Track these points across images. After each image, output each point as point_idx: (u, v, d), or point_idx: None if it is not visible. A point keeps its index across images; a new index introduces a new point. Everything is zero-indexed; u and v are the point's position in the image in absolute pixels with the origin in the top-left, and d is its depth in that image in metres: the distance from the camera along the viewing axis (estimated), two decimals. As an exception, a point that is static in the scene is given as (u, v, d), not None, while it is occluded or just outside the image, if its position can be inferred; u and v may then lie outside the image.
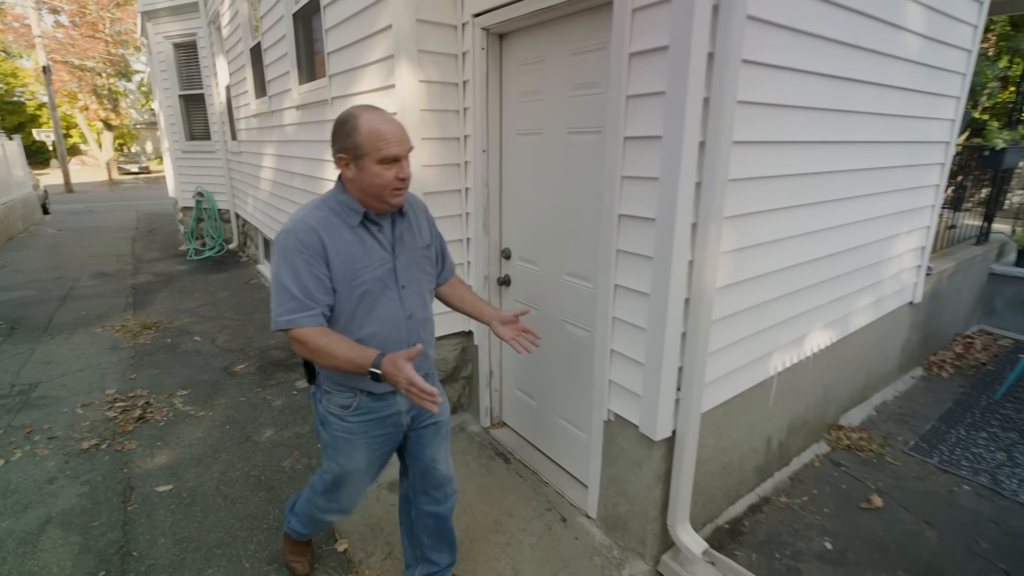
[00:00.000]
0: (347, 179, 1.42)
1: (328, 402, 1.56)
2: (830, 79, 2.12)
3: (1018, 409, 3.41)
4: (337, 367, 1.37)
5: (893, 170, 2.82)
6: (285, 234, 1.38)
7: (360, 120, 1.35)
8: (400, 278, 1.52)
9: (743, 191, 1.89)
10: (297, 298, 1.36)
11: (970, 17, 3.02)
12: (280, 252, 1.38)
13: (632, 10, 1.71)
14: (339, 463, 1.62)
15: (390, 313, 1.50)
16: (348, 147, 1.37)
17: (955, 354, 4.21)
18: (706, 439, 2.17)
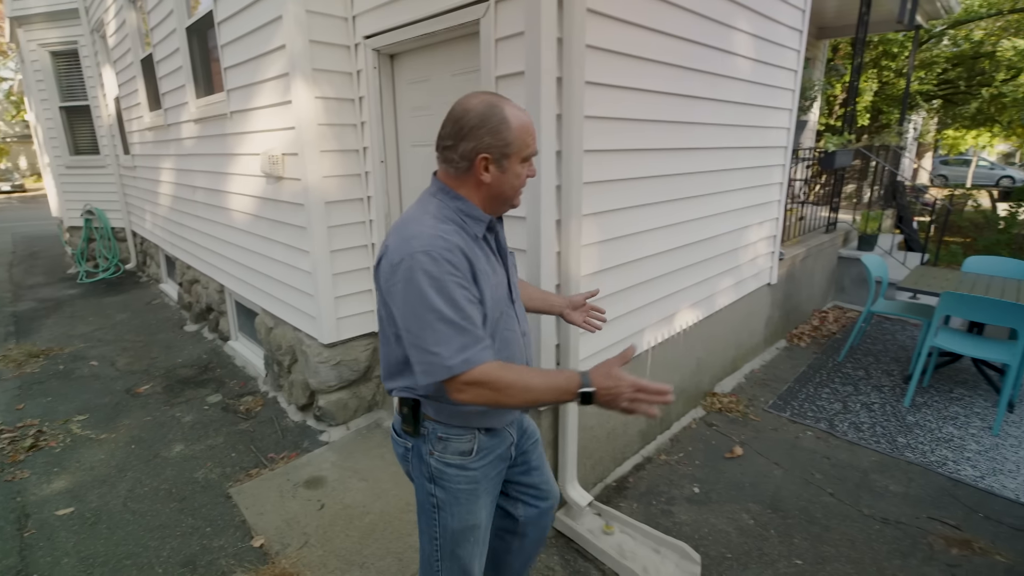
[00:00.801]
0: (478, 182, 1.19)
1: (443, 452, 1.28)
2: (670, 96, 2.53)
3: (855, 367, 4.09)
4: (534, 401, 1.12)
5: (739, 171, 3.33)
6: (423, 257, 1.08)
7: (507, 113, 1.14)
8: (513, 291, 1.32)
9: (601, 192, 2.23)
10: (467, 331, 1.09)
11: (793, 44, 3.63)
12: (425, 279, 1.08)
13: (495, 40, 1.99)
14: (462, 521, 1.33)
15: (512, 332, 1.29)
16: (496, 144, 1.14)
17: (812, 327, 4.92)
18: (589, 408, 2.50)
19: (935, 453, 2.99)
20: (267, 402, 3.58)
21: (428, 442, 1.29)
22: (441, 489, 1.30)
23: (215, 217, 4.07)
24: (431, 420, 1.27)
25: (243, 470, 2.84)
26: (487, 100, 1.16)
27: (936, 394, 3.68)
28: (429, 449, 1.28)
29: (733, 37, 2.94)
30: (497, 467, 1.37)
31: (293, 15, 2.51)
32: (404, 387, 1.27)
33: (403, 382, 1.27)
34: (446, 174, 1.23)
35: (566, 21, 1.83)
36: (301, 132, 2.64)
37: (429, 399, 1.25)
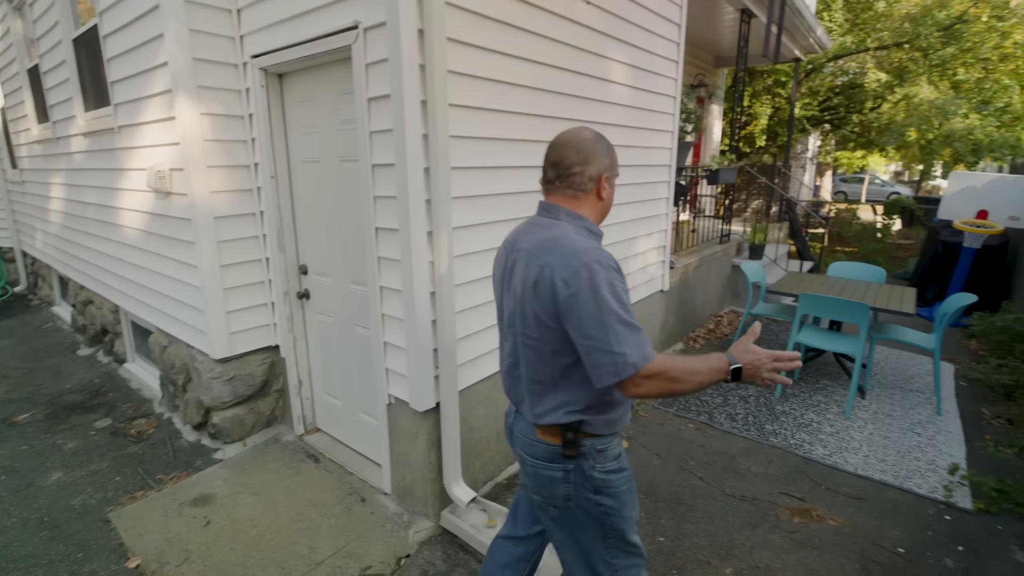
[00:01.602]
0: (596, 200, 1.34)
1: (604, 461, 1.34)
2: (544, 118, 2.75)
3: (739, 365, 4.48)
4: (699, 384, 1.17)
5: (624, 187, 3.62)
6: (597, 267, 1.16)
7: (606, 139, 1.35)
8: None
9: (475, 206, 2.40)
10: (639, 329, 1.17)
11: (670, 73, 4.01)
12: (604, 286, 1.15)
13: (366, 64, 2.13)
14: (629, 516, 1.40)
15: None
16: (611, 165, 1.33)
17: (708, 330, 5.33)
18: (476, 409, 2.64)
19: (795, 437, 3.35)
20: (161, 423, 3.47)
21: (589, 458, 1.33)
22: (608, 497, 1.36)
23: (107, 234, 3.92)
24: (588, 436, 1.32)
25: (127, 493, 2.75)
26: (591, 130, 1.34)
27: (804, 385, 4.11)
28: (591, 464, 1.33)
29: (609, 66, 3.23)
30: None
31: (175, 33, 2.54)
32: (561, 406, 1.30)
33: (559, 399, 1.30)
34: (565, 197, 1.34)
35: (427, 49, 2.00)
36: (186, 147, 2.66)
37: (588, 412, 1.30)
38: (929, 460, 3.10)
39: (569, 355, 1.26)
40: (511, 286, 1.35)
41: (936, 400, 3.78)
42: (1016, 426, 3.49)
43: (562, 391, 1.30)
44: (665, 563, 2.28)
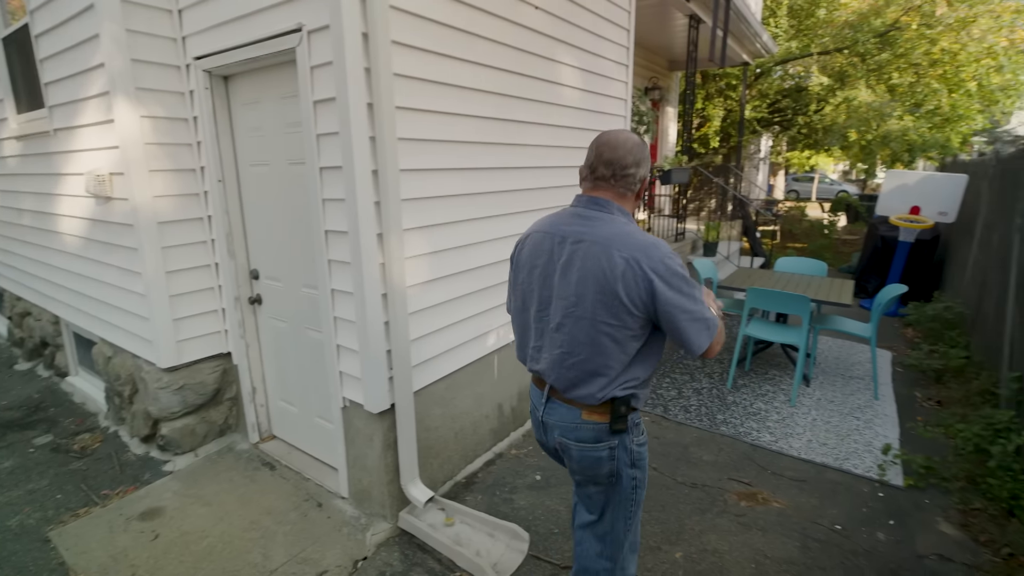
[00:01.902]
0: (635, 200, 1.49)
1: (638, 435, 1.49)
2: (494, 120, 2.79)
3: (693, 359, 4.64)
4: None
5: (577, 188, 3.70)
6: (672, 254, 1.35)
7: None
8: None
9: (426, 207, 2.42)
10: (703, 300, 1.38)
11: (620, 76, 4.12)
12: (681, 270, 1.33)
13: (310, 67, 2.13)
14: (645, 488, 1.56)
15: None
16: (648, 169, 1.47)
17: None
18: (433, 410, 2.66)
19: (744, 425, 3.50)
20: (107, 437, 3.34)
21: (631, 432, 1.46)
22: (639, 469, 1.51)
23: (45, 242, 3.75)
24: (632, 411, 1.44)
25: (69, 511, 2.64)
26: (635, 134, 1.45)
27: (754, 376, 4.29)
28: (631, 438, 1.46)
29: (559, 69, 3.31)
30: None
31: (111, 34, 2.47)
32: (625, 382, 1.39)
33: (629, 376, 1.39)
34: (616, 194, 1.43)
35: (372, 52, 2.01)
36: (127, 151, 2.58)
37: (641, 386, 1.43)
38: (866, 442, 3.29)
39: (642, 338, 1.38)
40: (566, 276, 1.39)
41: (874, 385, 4.00)
42: (944, 407, 3.74)
43: (629, 370, 1.40)
44: (618, 551, 2.35)
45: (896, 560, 2.32)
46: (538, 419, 1.57)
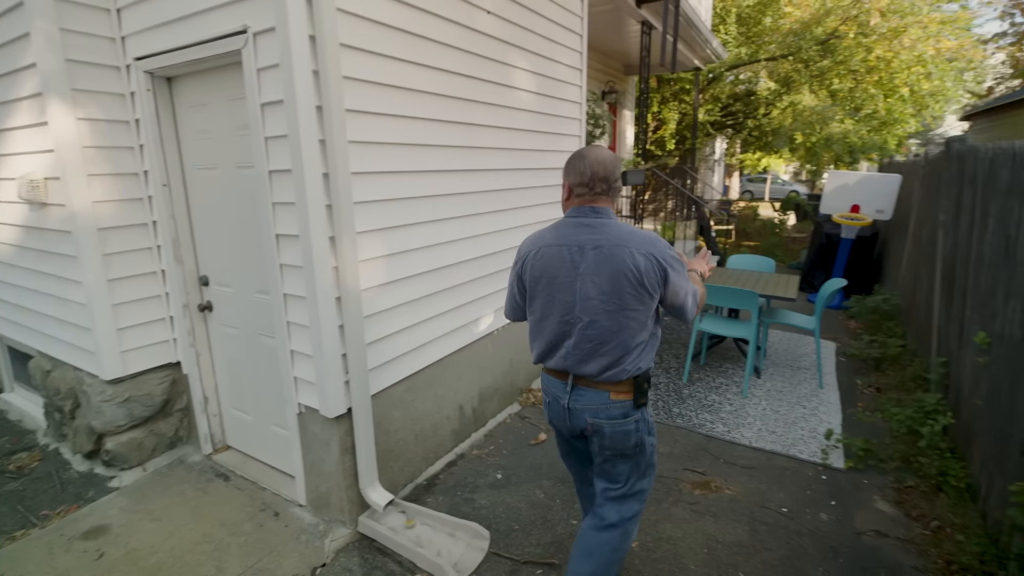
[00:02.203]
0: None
1: (649, 406, 1.78)
2: (448, 123, 2.81)
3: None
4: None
5: (536, 189, 3.76)
6: (670, 246, 1.65)
7: None
8: None
9: (380, 210, 2.42)
10: None
11: (575, 80, 4.20)
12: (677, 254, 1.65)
13: (257, 69, 2.10)
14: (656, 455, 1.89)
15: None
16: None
17: (624, 324, 5.61)
18: (392, 413, 2.65)
19: (698, 417, 3.63)
20: (47, 456, 3.18)
21: (647, 404, 1.74)
22: (654, 436, 1.80)
23: (-26, 251, 3.53)
24: (649, 387, 1.72)
25: (4, 535, 2.50)
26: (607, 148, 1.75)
27: (709, 370, 4.44)
28: (647, 409, 1.74)
29: (513, 74, 3.36)
30: None
31: (43, 33, 2.37)
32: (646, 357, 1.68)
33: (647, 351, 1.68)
34: (609, 202, 1.71)
35: (320, 55, 2.00)
36: (62, 155, 2.48)
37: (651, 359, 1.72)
38: (811, 428, 3.46)
39: (654, 315, 1.68)
40: (596, 277, 1.61)
41: (819, 375, 4.21)
42: (883, 393, 3.96)
43: (648, 346, 1.69)
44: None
45: (837, 538, 2.45)
46: (562, 407, 1.76)
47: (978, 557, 2.21)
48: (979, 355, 2.68)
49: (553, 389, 1.79)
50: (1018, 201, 2.42)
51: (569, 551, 2.34)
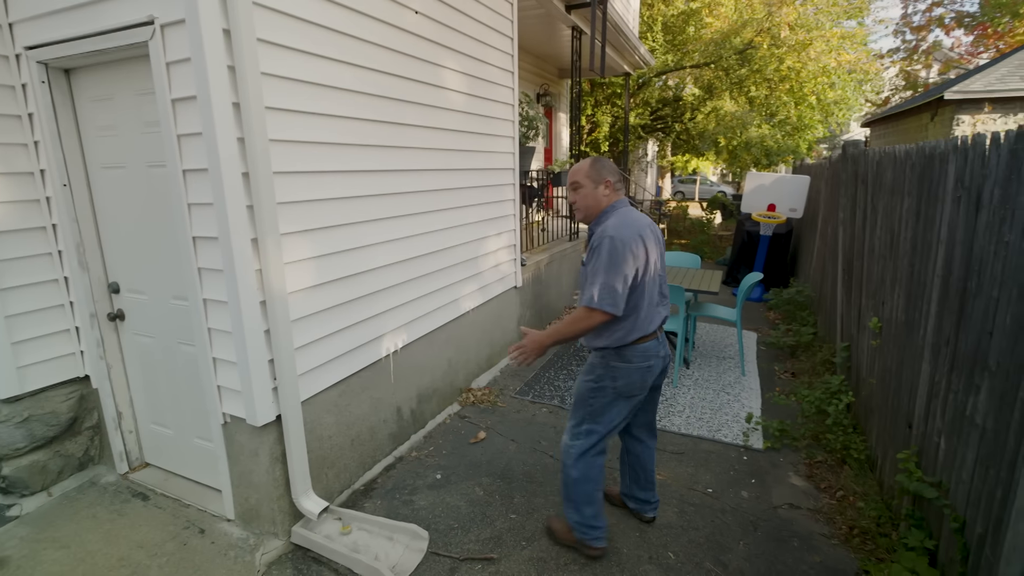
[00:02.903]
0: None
1: None
2: (377, 123, 2.78)
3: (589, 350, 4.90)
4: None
5: (469, 190, 3.78)
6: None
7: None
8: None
9: (307, 210, 2.36)
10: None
11: (507, 82, 4.26)
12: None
13: (167, 63, 1.99)
14: None
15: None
16: None
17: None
18: (325, 418, 2.59)
19: (632, 408, 3.77)
20: (-70, 487, 2.85)
21: None
22: None
23: None
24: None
25: None
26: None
27: (642, 363, 4.62)
28: None
29: (444, 74, 3.36)
30: None
31: (-87, 16, 2.13)
32: None
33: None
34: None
35: (236, 50, 1.93)
36: (-60, 152, 2.24)
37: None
38: (735, 414, 3.70)
39: None
40: (660, 249, 2.10)
41: (741, 363, 4.50)
42: (797, 377, 4.29)
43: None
44: (515, 537, 2.44)
45: (755, 513, 2.64)
46: (661, 356, 2.15)
47: (875, 520, 2.45)
48: (873, 339, 2.97)
49: (654, 350, 2.11)
50: (899, 199, 2.70)
51: (509, 545, 2.39)
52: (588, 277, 1.98)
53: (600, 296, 1.91)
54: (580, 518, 2.23)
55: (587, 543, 2.26)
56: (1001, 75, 9.45)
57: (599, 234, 2.00)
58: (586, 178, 2.08)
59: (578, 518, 2.23)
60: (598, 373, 2.15)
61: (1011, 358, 1.63)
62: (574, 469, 2.18)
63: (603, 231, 1.99)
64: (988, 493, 1.69)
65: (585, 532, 2.24)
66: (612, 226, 1.98)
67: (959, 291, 1.99)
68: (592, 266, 1.96)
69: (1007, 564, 1.51)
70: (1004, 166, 1.77)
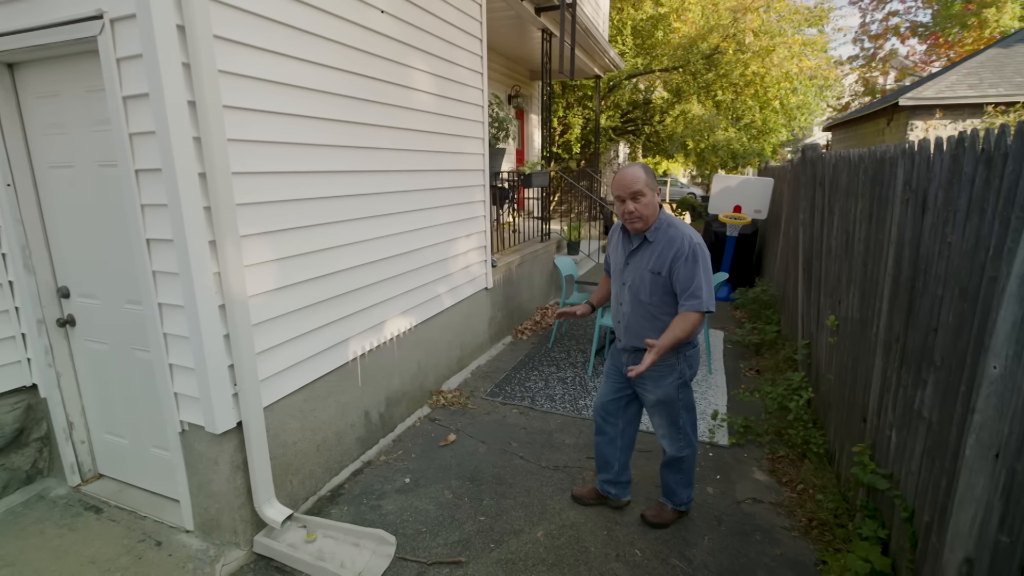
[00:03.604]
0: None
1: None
2: (343, 123, 2.73)
3: (560, 351, 4.94)
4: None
5: (439, 191, 3.76)
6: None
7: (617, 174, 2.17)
8: (624, 276, 2.29)
9: (270, 212, 2.30)
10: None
11: (476, 83, 4.26)
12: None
13: (117, 59, 1.92)
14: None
15: (613, 293, 2.43)
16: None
17: (534, 322, 5.76)
18: (289, 424, 2.53)
19: (602, 407, 3.80)
20: None
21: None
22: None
23: None
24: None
25: None
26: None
27: (612, 362, 4.67)
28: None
29: (412, 75, 3.33)
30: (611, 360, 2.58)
31: None
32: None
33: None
34: None
35: (191, 46, 1.87)
36: None
37: None
38: (701, 410, 3.76)
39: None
40: None
41: (708, 361, 4.59)
42: (761, 374, 4.40)
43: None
44: (484, 539, 2.44)
45: (720, 508, 2.69)
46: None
47: (833, 512, 2.53)
48: (831, 336, 3.07)
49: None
50: (854, 201, 2.80)
51: (477, 548, 2.38)
52: (690, 282, 2.08)
53: (708, 300, 2.08)
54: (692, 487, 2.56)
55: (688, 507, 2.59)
56: (951, 83, 9.91)
57: (679, 239, 2.12)
58: (647, 187, 2.10)
59: (691, 490, 2.56)
60: (680, 369, 2.26)
61: (953, 354, 1.71)
62: (693, 453, 2.46)
63: (682, 237, 2.12)
64: (934, 483, 1.77)
65: (691, 497, 2.57)
66: (689, 232, 2.15)
67: (908, 289, 2.07)
68: (691, 271, 2.09)
69: (950, 551, 1.58)
70: (946, 170, 1.85)
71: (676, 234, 2.12)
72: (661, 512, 2.55)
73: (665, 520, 2.53)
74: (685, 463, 2.45)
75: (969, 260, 1.67)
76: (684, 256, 2.08)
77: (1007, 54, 10.54)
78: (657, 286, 2.16)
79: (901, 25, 21.36)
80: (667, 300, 2.17)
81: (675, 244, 2.11)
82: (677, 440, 2.38)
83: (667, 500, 2.55)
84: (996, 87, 9.55)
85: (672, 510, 2.55)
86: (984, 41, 17.48)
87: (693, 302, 2.07)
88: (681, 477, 2.49)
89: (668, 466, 2.49)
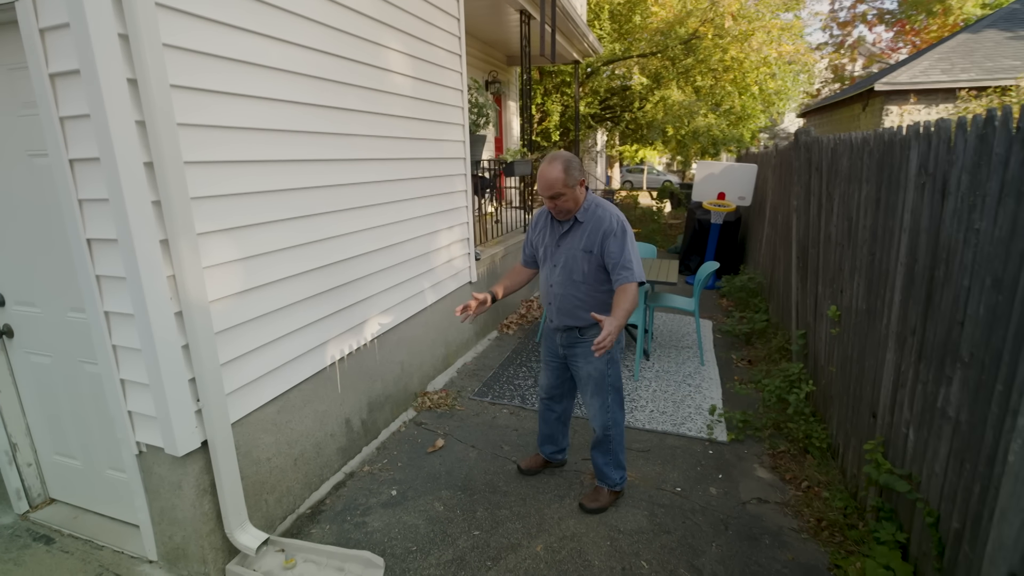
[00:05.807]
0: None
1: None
2: (312, 107, 2.48)
3: (547, 345, 4.77)
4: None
5: (418, 180, 3.52)
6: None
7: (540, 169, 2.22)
8: (553, 254, 2.37)
9: (231, 206, 2.06)
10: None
11: (455, 66, 4.01)
12: None
13: (40, 29, 1.65)
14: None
15: (543, 276, 2.46)
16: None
17: (520, 315, 5.58)
18: (262, 439, 2.30)
19: (595, 405, 3.66)
20: None
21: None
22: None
23: None
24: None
25: None
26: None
27: (602, 356, 4.53)
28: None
29: (388, 56, 3.08)
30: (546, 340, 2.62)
31: None
32: None
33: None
34: None
35: (129, 15, 1.61)
36: None
37: None
38: (697, 405, 3.65)
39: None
40: None
41: (699, 353, 4.49)
42: (754, 365, 4.32)
43: None
44: (480, 556, 2.26)
45: (725, 511, 2.57)
46: None
47: (842, 512, 2.43)
48: (832, 327, 2.96)
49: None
50: (856, 186, 2.68)
51: (473, 566, 2.20)
52: (619, 255, 2.21)
53: (639, 271, 2.21)
54: (623, 469, 2.60)
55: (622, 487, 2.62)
56: (924, 68, 10.00)
57: (607, 218, 2.26)
58: (564, 187, 2.20)
59: (623, 471, 2.59)
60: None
61: (986, 350, 1.59)
62: (619, 431, 2.50)
63: (610, 216, 2.25)
64: (964, 488, 1.66)
65: (624, 478, 2.61)
66: (615, 211, 2.29)
67: (926, 280, 1.95)
68: (620, 245, 2.21)
69: (991, 564, 1.46)
70: (972, 151, 1.72)
71: (604, 214, 2.27)
72: (598, 496, 2.59)
73: (603, 503, 2.56)
74: (612, 443, 2.51)
75: (1004, 248, 1.54)
76: (613, 232, 2.23)
77: (976, 39, 10.69)
78: (589, 263, 2.29)
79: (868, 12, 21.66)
80: (599, 277, 2.31)
81: (604, 223, 2.25)
82: (604, 417, 2.45)
83: (602, 483, 2.60)
84: (968, 72, 9.66)
85: (608, 492, 2.59)
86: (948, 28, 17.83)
87: (625, 273, 2.20)
88: (610, 459, 2.54)
89: (596, 447, 2.56)
